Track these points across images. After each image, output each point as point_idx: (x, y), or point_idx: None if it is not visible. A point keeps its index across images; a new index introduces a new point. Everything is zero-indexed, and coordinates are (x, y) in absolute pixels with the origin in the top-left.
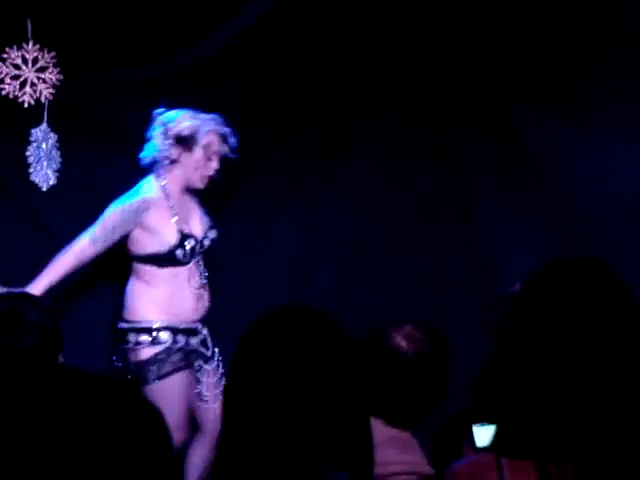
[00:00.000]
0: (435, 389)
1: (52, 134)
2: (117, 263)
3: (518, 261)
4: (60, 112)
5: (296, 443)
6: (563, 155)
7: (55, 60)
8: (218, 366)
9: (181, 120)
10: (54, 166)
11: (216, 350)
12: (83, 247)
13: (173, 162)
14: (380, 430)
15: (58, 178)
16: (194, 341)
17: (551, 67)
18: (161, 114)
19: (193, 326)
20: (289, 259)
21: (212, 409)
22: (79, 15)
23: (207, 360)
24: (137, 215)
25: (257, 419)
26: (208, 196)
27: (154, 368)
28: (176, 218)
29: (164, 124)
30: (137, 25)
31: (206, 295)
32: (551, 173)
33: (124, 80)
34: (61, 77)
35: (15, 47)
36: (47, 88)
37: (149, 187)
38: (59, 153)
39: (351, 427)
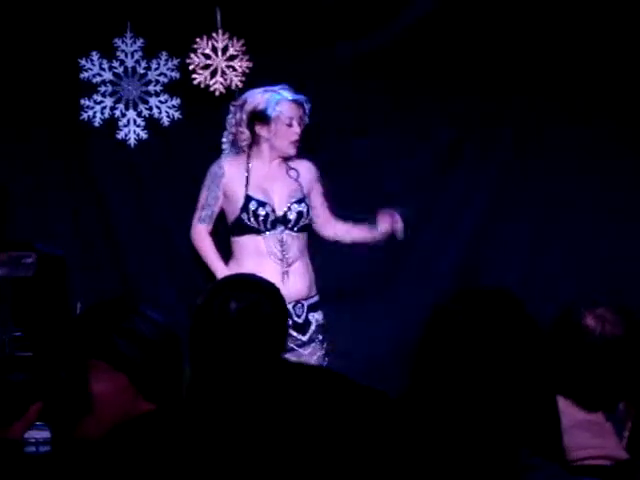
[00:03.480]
0: (628, 373)
1: None
2: None
3: None
4: None
5: (487, 427)
6: None
7: (244, 48)
8: (318, 352)
9: (252, 97)
10: None
11: (319, 337)
12: (199, 230)
13: (257, 138)
14: (574, 414)
15: None
16: None
17: None
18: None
19: None
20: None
21: None
22: (266, 2)
23: (302, 345)
24: (216, 180)
25: (446, 403)
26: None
27: None
28: (245, 184)
29: (239, 106)
30: (320, 11)
31: (298, 275)
32: None
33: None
34: (250, 65)
35: (205, 37)
36: (237, 76)
37: (232, 158)
38: None
39: (539, 410)
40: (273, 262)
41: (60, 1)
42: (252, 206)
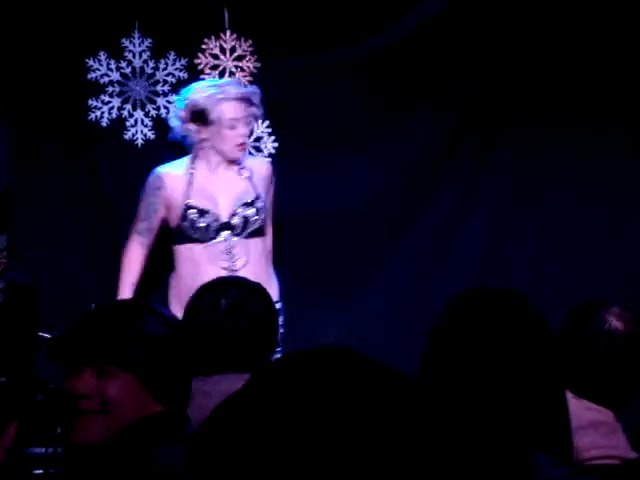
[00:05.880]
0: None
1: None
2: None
3: None
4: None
5: (497, 428)
6: None
7: (252, 48)
8: None
9: (193, 95)
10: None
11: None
12: (134, 243)
13: (201, 138)
14: (584, 415)
15: None
16: None
17: None
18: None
19: None
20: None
21: None
22: (275, 3)
23: None
24: (156, 191)
25: (455, 404)
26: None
27: None
28: (186, 192)
29: (182, 102)
30: (328, 11)
31: None
32: None
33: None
34: (258, 65)
35: (213, 37)
36: (245, 76)
37: (172, 165)
38: None
39: (549, 409)
40: (215, 270)
41: (67, 1)
42: (192, 216)
